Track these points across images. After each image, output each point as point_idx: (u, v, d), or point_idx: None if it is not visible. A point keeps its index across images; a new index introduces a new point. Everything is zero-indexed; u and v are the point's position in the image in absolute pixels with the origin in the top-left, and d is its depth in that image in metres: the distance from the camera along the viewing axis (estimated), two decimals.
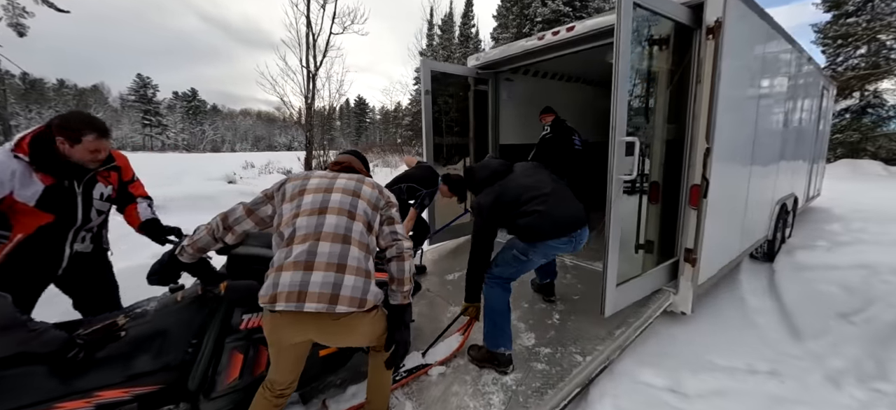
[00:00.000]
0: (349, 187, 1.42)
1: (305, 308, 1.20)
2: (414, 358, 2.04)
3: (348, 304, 1.23)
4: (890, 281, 3.53)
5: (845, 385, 2.06)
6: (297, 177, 1.45)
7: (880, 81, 15.20)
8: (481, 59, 4.17)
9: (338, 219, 1.32)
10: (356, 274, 1.27)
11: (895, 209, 6.40)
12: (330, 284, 1.22)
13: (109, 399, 1.25)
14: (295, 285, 1.21)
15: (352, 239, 1.31)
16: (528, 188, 2.03)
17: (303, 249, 1.25)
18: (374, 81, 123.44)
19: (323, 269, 1.23)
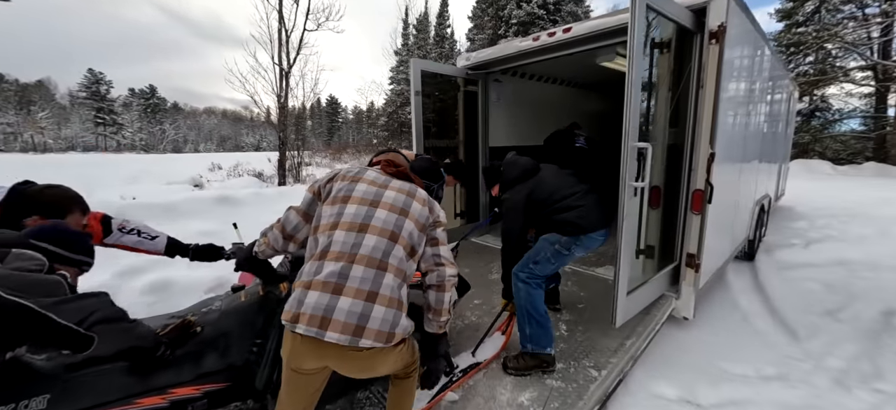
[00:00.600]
0: (398, 202, 1.28)
1: (326, 337, 1.08)
2: (465, 358, 2.07)
3: (374, 339, 1.10)
4: (866, 277, 3.72)
5: (852, 388, 2.10)
6: (346, 177, 1.32)
7: (827, 87, 16.38)
8: (472, 59, 4.06)
9: (378, 241, 1.19)
10: (387, 305, 1.14)
11: (852, 206, 6.82)
12: (356, 314, 1.10)
13: (182, 395, 1.29)
14: (319, 308, 1.10)
15: (389, 264, 1.18)
16: (559, 186, 2.12)
17: (335, 269, 1.14)
18: (345, 80, 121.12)
19: (352, 296, 1.11)
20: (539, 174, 2.17)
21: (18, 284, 1.02)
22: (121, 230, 1.68)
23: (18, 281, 1.03)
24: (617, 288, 2.09)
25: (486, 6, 23.37)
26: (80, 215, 1.43)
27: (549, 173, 2.19)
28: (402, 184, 1.35)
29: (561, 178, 2.17)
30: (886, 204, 7.12)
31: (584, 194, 2.09)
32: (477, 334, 2.32)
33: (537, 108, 5.33)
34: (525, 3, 20.45)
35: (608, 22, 2.95)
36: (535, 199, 2.08)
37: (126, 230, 1.69)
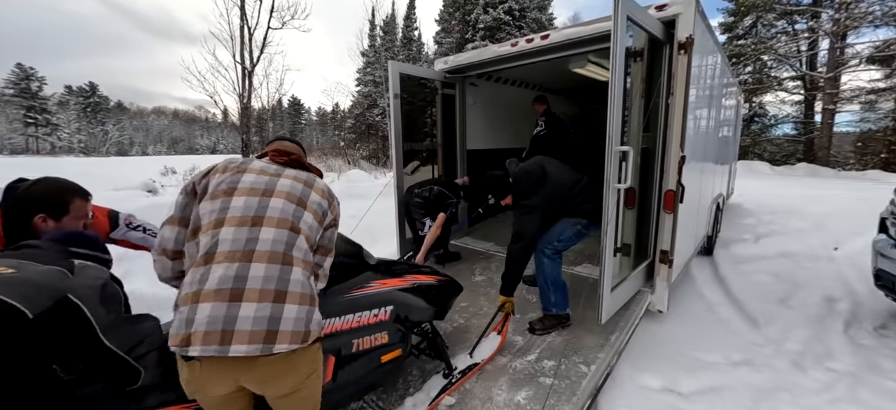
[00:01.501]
0: (296, 191, 1.14)
1: (231, 352, 0.92)
2: (463, 360, 2.08)
3: (290, 341, 0.98)
4: (807, 267, 4.11)
5: (808, 368, 2.31)
6: (227, 169, 1.13)
7: (764, 94, 17.98)
8: (450, 62, 4.08)
9: (277, 233, 1.04)
10: (300, 303, 1.02)
11: (790, 203, 7.51)
12: (266, 319, 0.96)
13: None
14: (217, 322, 0.93)
15: (294, 258, 1.05)
16: (571, 184, 2.42)
17: (228, 273, 0.97)
18: (308, 81, 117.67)
19: (256, 299, 0.96)
20: (549, 179, 2.38)
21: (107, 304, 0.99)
22: (127, 225, 1.62)
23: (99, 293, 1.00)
24: (602, 287, 2.19)
25: (454, 10, 23.57)
26: (83, 202, 1.34)
27: (555, 172, 2.42)
28: (298, 172, 1.21)
29: (566, 174, 2.45)
30: (818, 200, 7.89)
31: (589, 185, 2.43)
32: (467, 335, 2.37)
33: (512, 112, 5.46)
34: (491, 9, 20.85)
35: (584, 30, 3.08)
36: (554, 202, 2.36)
37: (133, 226, 1.64)
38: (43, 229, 1.24)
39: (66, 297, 0.91)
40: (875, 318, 2.92)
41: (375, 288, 1.61)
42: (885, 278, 2.75)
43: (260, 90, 11.14)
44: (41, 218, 1.24)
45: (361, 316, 1.50)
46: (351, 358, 1.46)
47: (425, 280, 1.87)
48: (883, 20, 14.02)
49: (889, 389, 2.14)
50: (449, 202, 3.50)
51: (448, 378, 1.94)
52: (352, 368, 1.47)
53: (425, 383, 1.94)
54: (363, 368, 1.51)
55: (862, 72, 14.91)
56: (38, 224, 1.23)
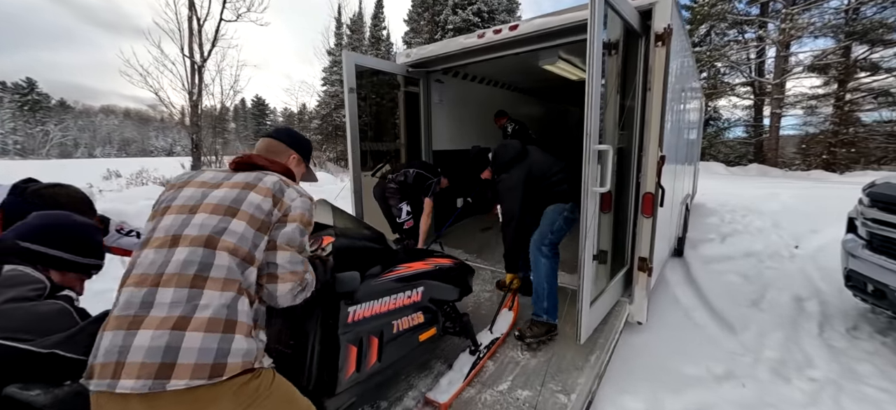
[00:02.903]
0: (226, 200, 1.01)
1: (118, 388, 0.80)
2: (485, 335, 2.26)
3: (191, 375, 0.82)
4: (771, 266, 4.12)
5: (790, 378, 2.20)
6: (174, 185, 1.08)
7: (718, 99, 18.93)
8: (413, 55, 3.78)
9: (190, 252, 0.93)
10: (207, 329, 0.86)
11: (748, 202, 7.74)
12: (160, 349, 0.82)
13: None
14: (112, 352, 0.82)
15: (209, 278, 0.91)
16: (550, 163, 2.46)
17: (133, 298, 0.88)
18: (273, 80, 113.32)
19: (155, 327, 0.84)
20: (530, 155, 2.45)
21: (21, 324, 0.80)
22: (119, 231, 1.56)
23: (20, 319, 0.81)
24: (581, 302, 1.95)
25: (423, 10, 23.30)
26: (94, 219, 1.31)
27: (537, 153, 2.49)
28: (245, 175, 1.10)
29: (547, 157, 2.49)
30: (772, 199, 8.21)
31: (567, 167, 2.43)
32: (482, 313, 2.56)
33: (480, 111, 5.22)
34: (460, 10, 20.75)
35: (553, 21, 2.87)
36: (534, 176, 2.38)
37: (125, 231, 1.57)
38: None
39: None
40: (845, 319, 2.88)
41: (405, 271, 1.65)
42: (855, 279, 2.71)
43: (212, 87, 10.33)
44: None
45: (397, 298, 1.58)
46: (393, 339, 1.55)
47: (444, 263, 1.93)
48: (821, 31, 15.11)
49: (870, 396, 2.05)
50: (429, 183, 3.40)
51: (476, 354, 2.08)
52: (394, 348, 1.55)
53: (455, 362, 2.05)
54: (404, 347, 1.61)
55: (804, 79, 16.02)
56: None
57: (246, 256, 0.97)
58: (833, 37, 14.89)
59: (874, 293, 2.57)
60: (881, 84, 14.19)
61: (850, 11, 14.26)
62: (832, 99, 15.16)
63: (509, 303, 2.49)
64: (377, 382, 1.49)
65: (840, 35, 14.51)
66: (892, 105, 14.15)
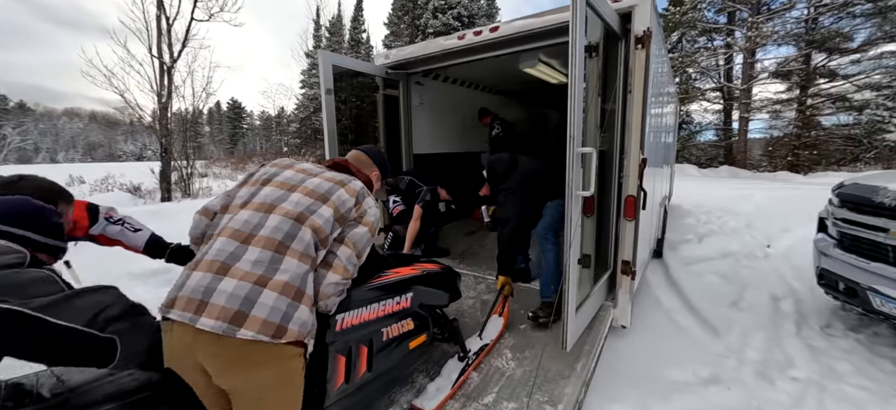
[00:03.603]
0: (321, 189, 1.16)
1: (199, 323, 0.90)
2: (474, 342, 2.19)
3: (258, 330, 0.91)
4: (748, 266, 4.21)
5: (774, 380, 2.20)
6: (280, 164, 1.24)
7: (690, 104, 19.60)
8: (392, 56, 3.68)
9: (281, 221, 1.05)
10: (281, 292, 0.96)
11: (721, 203, 7.98)
12: (239, 298, 0.92)
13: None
14: (198, 291, 0.94)
15: (290, 248, 1.03)
16: (541, 166, 2.65)
17: (225, 248, 1.00)
18: (249, 83, 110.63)
19: (238, 277, 0.95)
20: (520, 164, 2.60)
21: (10, 291, 0.79)
22: (108, 219, 1.52)
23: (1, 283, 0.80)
24: (567, 308, 1.89)
25: (403, 14, 23.22)
26: (66, 205, 1.30)
27: (526, 162, 2.63)
28: (336, 174, 1.25)
29: (536, 161, 2.67)
30: (744, 200, 8.50)
31: (558, 168, 2.38)
32: (465, 320, 2.52)
33: (461, 114, 5.17)
34: (441, 14, 20.79)
35: (534, 23, 2.84)
36: (528, 180, 2.53)
37: (113, 220, 1.53)
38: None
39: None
40: (819, 317, 2.95)
41: (394, 277, 1.61)
42: (827, 277, 2.77)
43: (183, 89, 9.90)
44: None
45: (386, 304, 1.52)
46: (383, 347, 1.49)
47: (432, 268, 1.88)
48: (784, 40, 15.90)
49: (852, 396, 2.07)
50: (419, 191, 3.43)
51: (465, 361, 2.01)
52: (384, 356, 1.50)
53: (443, 368, 1.99)
54: (395, 356, 1.56)
55: (769, 85, 16.80)
56: None
57: (323, 240, 1.09)
58: (795, 45, 15.69)
59: (846, 291, 2.63)
60: (839, 90, 15.03)
61: (810, 21, 15.05)
62: (795, 104, 15.94)
63: (499, 309, 2.45)
64: (368, 393, 1.46)
65: (801, 43, 15.29)
66: (849, 110, 14.99)
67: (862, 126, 14.38)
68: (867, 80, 14.38)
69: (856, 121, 14.78)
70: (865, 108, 14.30)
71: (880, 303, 2.36)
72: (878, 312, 2.41)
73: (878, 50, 14.13)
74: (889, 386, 2.14)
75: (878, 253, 2.41)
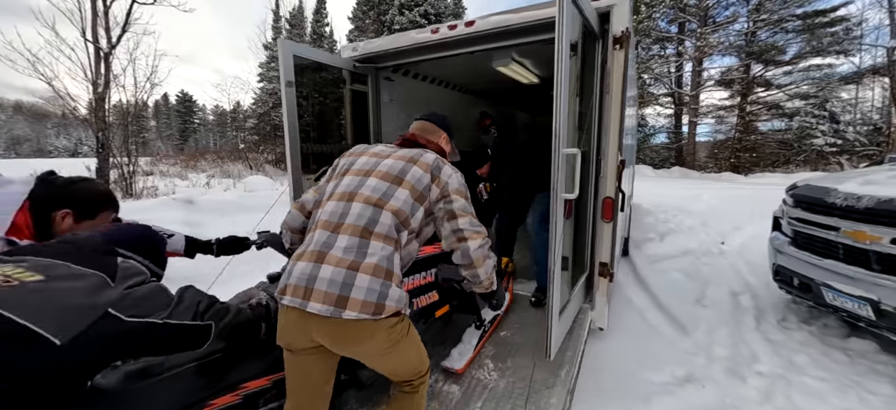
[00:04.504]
0: (394, 170, 1.22)
1: (309, 307, 1.04)
2: (487, 313, 2.38)
3: (360, 310, 1.03)
4: (707, 263, 4.41)
5: (745, 377, 2.27)
6: (354, 152, 1.34)
7: (644, 108, 20.71)
8: (360, 49, 3.47)
9: (362, 208, 1.15)
10: (372, 274, 1.07)
11: (677, 202, 8.41)
12: (338, 283, 1.04)
13: (255, 389, 1.27)
14: (303, 278, 1.07)
15: (374, 233, 1.13)
16: (531, 160, 2.93)
17: (321, 238, 1.13)
18: (201, 75, 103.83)
19: (334, 264, 1.06)
20: (518, 157, 2.93)
21: (144, 308, 0.93)
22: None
23: (138, 300, 0.93)
24: (551, 316, 1.82)
25: (368, 8, 22.67)
26: (108, 214, 1.33)
27: (522, 154, 2.99)
28: (407, 150, 1.30)
29: (526, 156, 3.00)
30: (695, 199, 9.03)
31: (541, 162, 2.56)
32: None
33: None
34: (407, 11, 20.49)
35: (510, 19, 2.76)
36: (526, 174, 2.85)
37: (165, 235, 1.52)
38: (61, 226, 1.21)
39: (108, 313, 0.84)
40: (775, 311, 3.11)
41: (421, 254, 1.73)
42: (783, 273, 2.93)
43: (123, 78, 8.98)
44: (62, 215, 1.21)
45: (415, 279, 1.74)
46: (416, 317, 1.73)
47: None
48: (727, 50, 17.20)
49: (813, 388, 2.17)
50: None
51: (481, 328, 2.28)
52: (416, 324, 1.59)
53: (462, 335, 2.24)
54: (423, 324, 1.78)
55: (714, 92, 18.10)
56: (57, 219, 1.20)
57: (404, 220, 1.16)
58: (737, 55, 17.00)
59: (800, 286, 2.78)
60: (773, 98, 16.47)
61: (750, 34, 16.36)
62: (736, 110, 17.26)
63: (505, 285, 2.74)
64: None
65: (742, 54, 16.58)
66: (782, 117, 16.48)
67: (793, 131, 15.85)
68: (797, 90, 15.88)
69: (787, 127, 16.28)
70: (796, 116, 15.76)
71: (832, 298, 2.51)
72: (829, 306, 2.57)
73: (806, 63, 15.65)
74: (843, 376, 2.27)
75: (830, 251, 2.57)
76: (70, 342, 0.74)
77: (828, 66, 15.61)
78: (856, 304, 2.36)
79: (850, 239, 2.41)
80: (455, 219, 1.21)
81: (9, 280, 0.77)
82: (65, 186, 1.24)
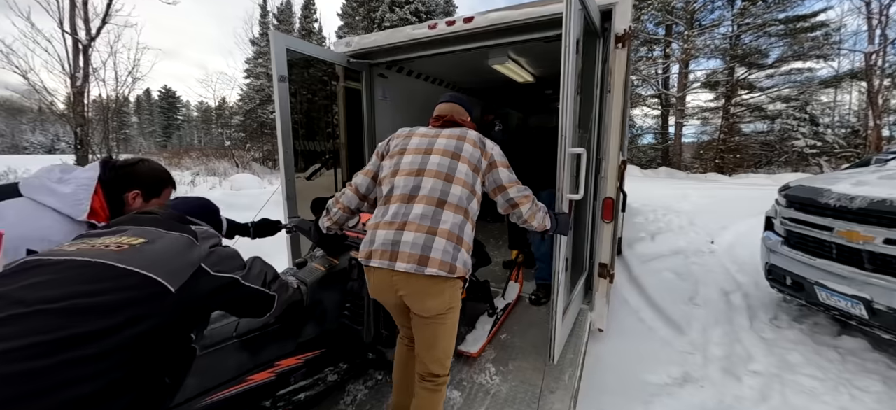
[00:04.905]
0: (450, 147, 1.39)
1: (396, 267, 1.23)
2: (499, 302, 2.56)
3: (438, 267, 1.22)
4: (697, 262, 4.46)
5: (741, 376, 2.28)
6: (401, 134, 1.51)
7: (632, 109, 20.98)
8: (355, 44, 3.39)
9: (434, 182, 1.31)
10: (447, 238, 1.25)
11: (666, 202, 8.52)
12: (420, 245, 1.22)
13: (287, 367, 1.40)
14: (387, 244, 1.25)
15: (447, 202, 1.30)
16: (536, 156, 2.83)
17: (398, 209, 1.30)
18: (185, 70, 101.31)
19: (414, 230, 1.25)
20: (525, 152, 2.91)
21: (225, 265, 1.04)
22: None
23: (221, 258, 1.04)
24: (555, 320, 1.79)
25: (358, 5, 22.41)
26: (171, 191, 1.43)
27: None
28: (452, 130, 1.47)
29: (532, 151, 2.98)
30: (683, 199, 9.16)
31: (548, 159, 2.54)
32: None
33: (426, 111, 4.93)
34: (398, 8, 20.34)
35: (511, 15, 2.72)
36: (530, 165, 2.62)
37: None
38: (133, 205, 1.30)
39: (201, 267, 0.95)
40: (767, 309, 3.15)
41: None
42: (775, 272, 2.97)
43: (103, 72, 8.66)
44: (133, 195, 1.30)
45: None
46: None
47: None
48: (713, 53, 17.54)
49: (807, 387, 2.20)
50: None
51: (494, 316, 2.39)
52: None
53: (476, 322, 2.34)
54: None
55: (700, 94, 18.45)
56: (129, 199, 1.30)
57: (471, 190, 1.35)
58: (722, 58, 17.35)
59: (793, 285, 2.82)
60: (756, 101, 16.87)
61: (734, 38, 16.72)
62: (721, 112, 17.62)
63: (515, 276, 2.90)
64: None
65: (727, 57, 16.93)
66: (765, 119, 16.90)
67: (775, 133, 16.26)
68: (779, 93, 16.30)
69: (770, 129, 16.70)
70: (777, 118, 16.18)
71: (825, 297, 2.55)
72: (822, 304, 2.60)
73: (788, 66, 16.07)
74: (836, 374, 2.30)
75: (824, 251, 2.60)
76: (179, 291, 0.86)
77: (808, 69, 16.07)
78: (849, 303, 2.40)
79: (844, 239, 2.45)
80: (505, 191, 1.42)
81: (120, 245, 0.90)
82: (130, 167, 1.34)
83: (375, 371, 1.99)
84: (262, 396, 1.32)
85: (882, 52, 13.66)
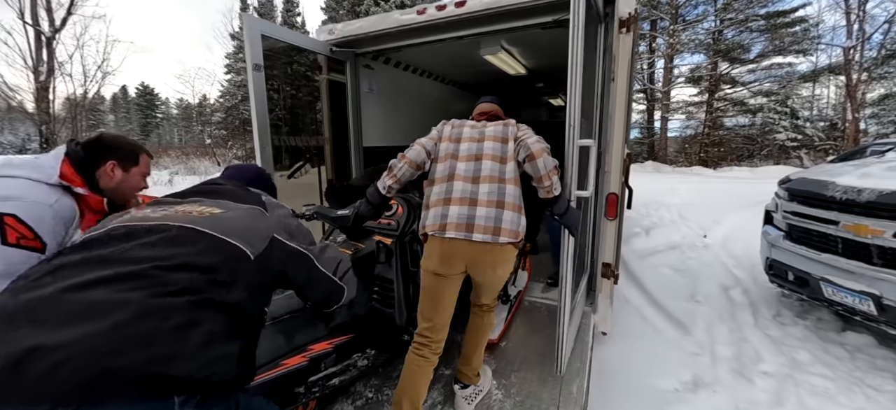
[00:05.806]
0: (498, 134, 1.57)
1: (473, 237, 1.39)
2: (511, 290, 2.53)
3: (509, 236, 1.41)
4: (692, 257, 4.39)
5: (752, 378, 2.18)
6: (452, 123, 1.66)
7: None
8: (338, 32, 3.17)
9: (492, 164, 1.50)
10: (512, 210, 1.44)
11: (655, 196, 8.52)
12: (492, 218, 1.41)
13: (318, 352, 1.41)
14: (463, 217, 1.42)
15: (506, 179, 1.47)
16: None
17: (466, 187, 1.47)
18: (162, 66, 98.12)
19: (485, 205, 1.43)
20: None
21: (297, 237, 1.05)
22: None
23: (292, 230, 1.06)
24: (562, 328, 1.63)
25: None
26: (147, 157, 1.39)
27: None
28: (496, 123, 1.65)
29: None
30: (671, 193, 9.20)
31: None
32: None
33: (415, 105, 4.76)
34: (383, 2, 19.96)
35: None
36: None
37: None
38: (113, 177, 1.26)
39: (274, 237, 0.97)
40: (768, 306, 3.08)
41: None
42: (777, 268, 2.89)
43: (70, 66, 8.15)
44: (111, 166, 1.26)
45: None
46: None
47: None
48: (697, 48, 17.74)
49: (820, 388, 2.11)
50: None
51: (508, 302, 2.41)
52: None
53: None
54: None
55: (684, 89, 18.67)
56: (107, 171, 1.25)
57: (519, 165, 1.51)
58: (705, 53, 17.57)
59: (796, 280, 2.74)
60: (739, 95, 17.16)
61: (717, 33, 16.93)
62: (705, 106, 17.87)
63: (523, 265, 2.92)
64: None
65: (710, 52, 17.15)
66: (747, 113, 17.20)
67: (757, 127, 16.57)
68: (760, 88, 16.60)
69: (751, 123, 17.01)
70: (759, 112, 16.48)
71: (831, 292, 2.47)
72: (827, 300, 2.53)
73: (769, 61, 16.36)
74: (847, 373, 2.23)
75: (828, 245, 2.52)
76: (256, 258, 0.90)
77: (788, 64, 16.39)
78: (857, 299, 2.32)
79: (851, 233, 2.36)
80: (534, 160, 1.45)
81: (202, 213, 0.92)
82: (95, 140, 1.29)
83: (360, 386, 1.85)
84: (294, 382, 1.32)
85: (860, 47, 14.01)
